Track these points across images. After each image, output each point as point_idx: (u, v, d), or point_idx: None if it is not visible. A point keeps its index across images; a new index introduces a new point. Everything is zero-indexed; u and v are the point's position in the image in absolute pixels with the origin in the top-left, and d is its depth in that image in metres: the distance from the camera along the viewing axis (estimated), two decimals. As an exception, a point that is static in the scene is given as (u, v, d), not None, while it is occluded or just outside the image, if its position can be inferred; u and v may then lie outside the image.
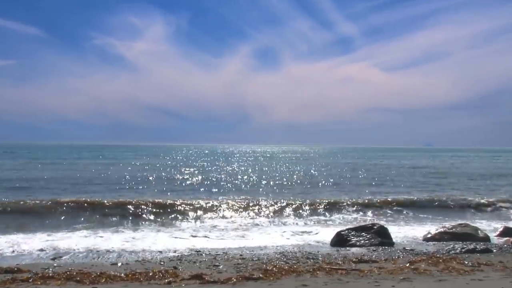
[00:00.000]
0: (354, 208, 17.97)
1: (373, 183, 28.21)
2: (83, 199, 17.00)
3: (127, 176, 30.14)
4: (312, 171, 40.74)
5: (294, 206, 18.60)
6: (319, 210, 17.61)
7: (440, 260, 8.75)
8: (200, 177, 31.07)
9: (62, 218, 14.76)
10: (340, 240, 11.18)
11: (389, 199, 20.49)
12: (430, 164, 53.66)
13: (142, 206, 16.21)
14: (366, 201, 19.28)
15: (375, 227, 11.55)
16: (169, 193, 21.65)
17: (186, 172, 36.82)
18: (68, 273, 7.55)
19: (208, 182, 27.96)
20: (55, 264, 8.43)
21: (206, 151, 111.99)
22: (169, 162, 53.69)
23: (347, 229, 11.66)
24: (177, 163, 51.32)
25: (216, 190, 23.81)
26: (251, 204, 18.62)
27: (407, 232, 13.02)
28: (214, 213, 16.61)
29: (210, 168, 43.17)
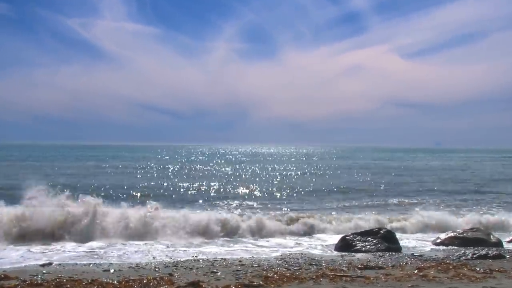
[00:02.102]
0: (360, 212, 18.02)
1: (383, 187, 28.31)
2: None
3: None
4: (316, 173, 40.87)
5: (295, 209, 18.65)
6: (321, 213, 17.64)
7: (450, 267, 8.79)
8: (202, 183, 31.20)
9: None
10: (344, 245, 11.22)
11: (397, 202, 20.56)
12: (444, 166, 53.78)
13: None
14: (373, 204, 19.37)
15: (381, 231, 11.59)
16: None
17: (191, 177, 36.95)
18: (58, 280, 7.57)
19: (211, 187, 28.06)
20: (44, 271, 8.45)
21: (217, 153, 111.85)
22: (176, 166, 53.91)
23: (352, 234, 11.70)
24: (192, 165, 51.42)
25: (215, 195, 23.87)
26: (250, 208, 18.68)
27: (415, 237, 13.07)
28: (212, 216, 16.65)
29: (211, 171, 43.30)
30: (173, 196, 22.06)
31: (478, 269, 8.61)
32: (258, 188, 26.39)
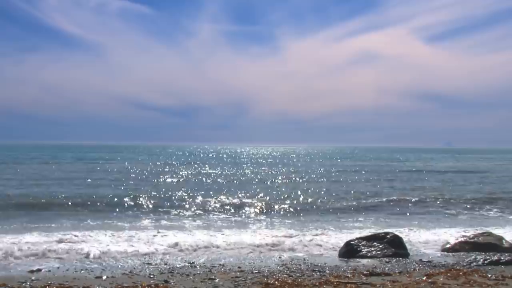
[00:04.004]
0: (366, 215, 18.06)
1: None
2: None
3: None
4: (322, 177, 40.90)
5: (298, 212, 18.70)
6: (326, 217, 17.68)
7: (461, 273, 8.81)
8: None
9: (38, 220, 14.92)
10: (349, 251, 11.22)
11: (404, 202, 20.59)
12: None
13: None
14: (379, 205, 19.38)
15: (388, 236, 11.60)
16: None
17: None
18: (47, 287, 7.62)
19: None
20: (33, 277, 8.49)
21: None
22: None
23: (357, 239, 11.71)
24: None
25: (211, 193, 23.87)
26: (250, 210, 18.72)
27: (423, 241, 13.08)
28: (209, 219, 16.69)
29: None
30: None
31: (489, 275, 8.63)
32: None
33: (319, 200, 21.87)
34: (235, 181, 32.37)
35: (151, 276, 8.75)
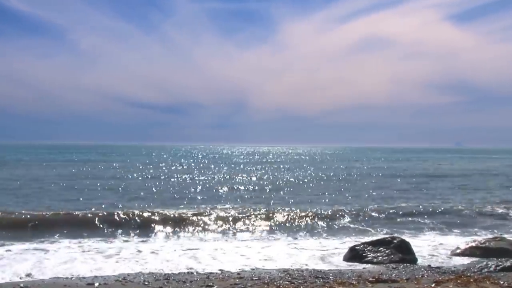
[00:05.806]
0: (371, 220, 17.97)
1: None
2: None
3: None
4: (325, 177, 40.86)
5: (300, 216, 18.61)
6: (329, 220, 17.59)
7: (471, 280, 8.71)
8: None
9: (35, 229, 14.87)
10: (354, 256, 11.17)
11: (410, 207, 20.50)
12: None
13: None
14: (385, 209, 19.30)
15: (395, 241, 11.52)
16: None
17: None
18: (36, 295, 7.56)
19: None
20: (21, 285, 8.42)
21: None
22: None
23: (363, 244, 11.64)
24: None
25: (208, 197, 23.83)
26: (248, 214, 18.63)
27: (432, 246, 13.01)
28: (206, 224, 16.60)
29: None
30: None
31: (502, 282, 8.53)
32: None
33: (321, 205, 21.78)
34: (234, 185, 32.31)
35: (146, 283, 8.66)
